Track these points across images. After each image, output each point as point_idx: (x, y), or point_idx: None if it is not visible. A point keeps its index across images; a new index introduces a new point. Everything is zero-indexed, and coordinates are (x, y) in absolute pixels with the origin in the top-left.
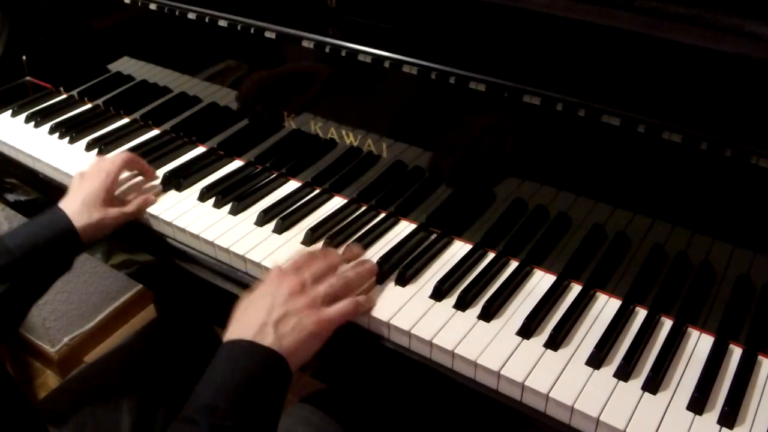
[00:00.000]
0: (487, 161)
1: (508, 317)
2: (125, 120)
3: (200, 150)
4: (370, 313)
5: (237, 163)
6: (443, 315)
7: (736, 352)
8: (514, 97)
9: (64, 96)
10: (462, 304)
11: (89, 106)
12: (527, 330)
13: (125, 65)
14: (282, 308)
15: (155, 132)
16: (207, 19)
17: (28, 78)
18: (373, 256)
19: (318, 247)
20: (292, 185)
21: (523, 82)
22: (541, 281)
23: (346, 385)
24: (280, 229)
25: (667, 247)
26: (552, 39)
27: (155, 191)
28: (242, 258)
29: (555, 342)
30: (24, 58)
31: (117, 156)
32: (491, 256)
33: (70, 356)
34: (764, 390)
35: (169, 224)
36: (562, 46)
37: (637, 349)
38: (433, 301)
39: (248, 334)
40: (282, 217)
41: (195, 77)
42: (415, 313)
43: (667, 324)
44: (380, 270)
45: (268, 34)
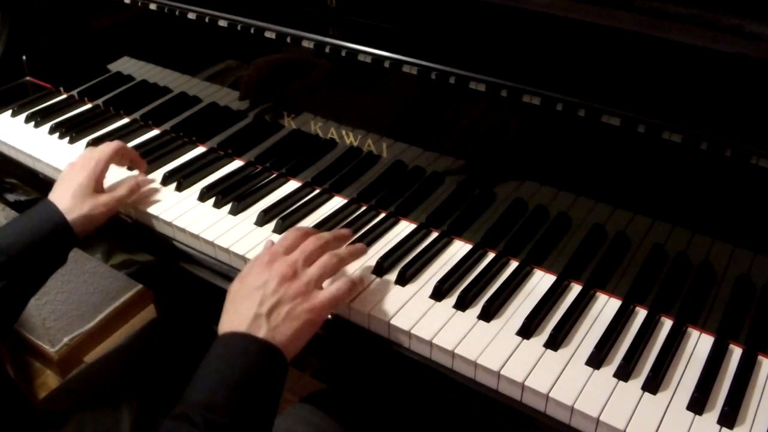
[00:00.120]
0: (487, 161)
1: (508, 317)
2: (125, 120)
3: (200, 150)
4: (370, 312)
5: (237, 163)
6: (443, 315)
7: (736, 352)
8: (514, 97)
9: (64, 96)
10: (462, 304)
11: (89, 106)
12: (527, 330)
13: (125, 65)
14: (274, 296)
15: (155, 132)
16: (207, 19)
17: (28, 78)
18: (373, 256)
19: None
20: (292, 185)
21: (523, 82)
22: (541, 281)
23: (346, 385)
24: (280, 229)
25: (667, 247)
26: (552, 39)
27: (147, 180)
28: (242, 258)
29: (555, 342)
30: (24, 58)
31: (107, 145)
32: (491, 256)
33: (70, 356)
34: (764, 390)
35: (169, 224)
36: (562, 46)
37: (637, 349)
38: (433, 301)
39: (242, 326)
40: (282, 217)
41: (195, 77)
42: (415, 313)
43: (667, 324)
44: (380, 270)
45: (268, 34)
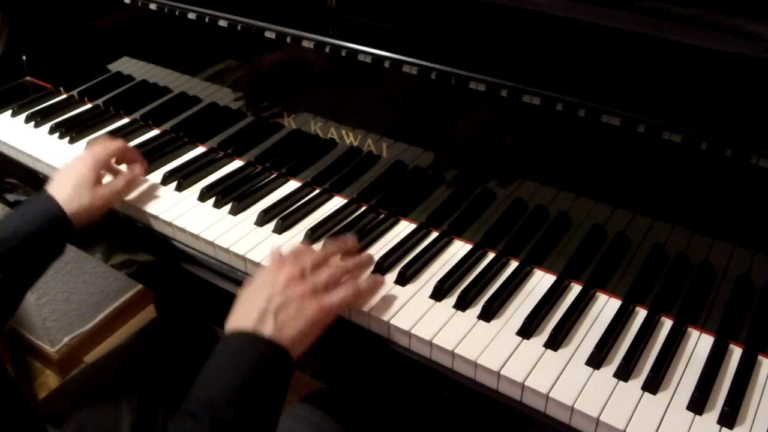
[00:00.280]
0: (487, 161)
1: (508, 317)
2: (125, 120)
3: (200, 150)
4: (370, 312)
5: (237, 163)
6: (443, 315)
7: (736, 352)
8: (514, 97)
9: (64, 96)
10: (462, 304)
11: (89, 106)
12: (527, 330)
13: (125, 65)
14: (282, 295)
15: (155, 132)
16: (207, 19)
17: (28, 78)
18: (373, 256)
19: (318, 247)
20: (292, 185)
21: (523, 82)
22: (541, 281)
23: (346, 385)
24: (280, 229)
25: (667, 247)
26: (552, 39)
27: (144, 175)
28: (242, 258)
29: (555, 342)
30: (24, 58)
31: (110, 142)
32: (491, 256)
33: (70, 356)
34: (764, 390)
35: (169, 224)
36: (562, 45)
37: (637, 349)
38: (433, 301)
39: (249, 323)
40: (282, 217)
41: (195, 77)
42: (415, 313)
43: (667, 324)
44: (380, 269)
45: (268, 34)
